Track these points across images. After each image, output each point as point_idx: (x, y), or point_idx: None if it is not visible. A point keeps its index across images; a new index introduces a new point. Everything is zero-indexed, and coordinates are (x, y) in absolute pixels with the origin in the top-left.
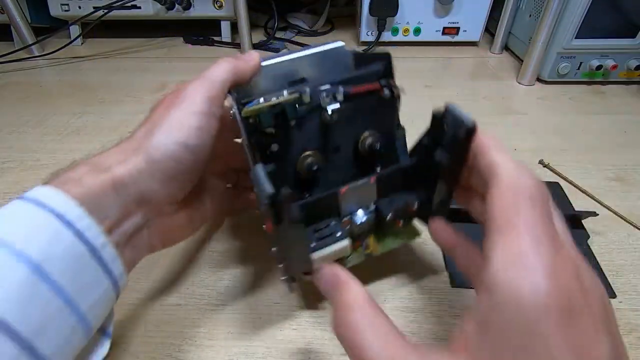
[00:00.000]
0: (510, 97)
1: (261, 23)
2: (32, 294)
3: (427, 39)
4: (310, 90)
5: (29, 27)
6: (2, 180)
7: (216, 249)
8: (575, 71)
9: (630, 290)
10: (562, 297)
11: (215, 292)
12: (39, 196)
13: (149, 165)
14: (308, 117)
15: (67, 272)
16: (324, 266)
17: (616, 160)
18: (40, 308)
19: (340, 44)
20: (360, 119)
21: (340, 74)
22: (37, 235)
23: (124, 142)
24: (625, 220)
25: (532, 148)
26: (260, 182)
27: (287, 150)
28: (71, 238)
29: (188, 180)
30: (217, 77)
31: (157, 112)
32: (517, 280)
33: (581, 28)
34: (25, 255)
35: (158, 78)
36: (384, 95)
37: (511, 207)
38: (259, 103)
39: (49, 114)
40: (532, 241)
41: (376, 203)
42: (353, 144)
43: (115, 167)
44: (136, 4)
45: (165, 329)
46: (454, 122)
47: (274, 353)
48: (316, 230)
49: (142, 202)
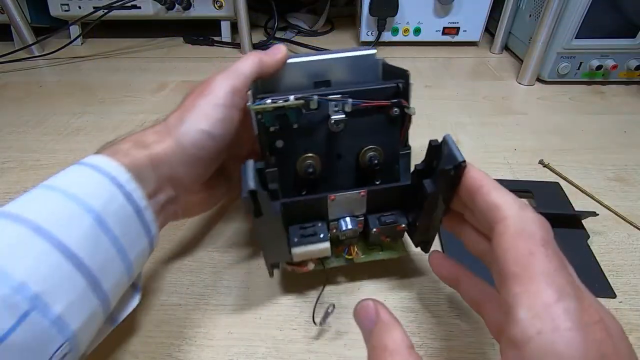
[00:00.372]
0: (510, 97)
1: (261, 23)
2: (97, 240)
3: (427, 39)
4: (319, 98)
5: (29, 27)
6: (2, 180)
7: (216, 248)
8: (575, 71)
9: (630, 290)
10: (595, 348)
11: (215, 292)
12: (95, 162)
13: (179, 149)
14: (314, 122)
15: (119, 226)
16: (365, 301)
17: (616, 160)
18: (102, 252)
19: (373, 51)
20: (365, 132)
21: (365, 83)
22: (97, 193)
23: (159, 125)
24: (625, 220)
25: (532, 148)
26: (245, 177)
27: (289, 149)
28: (122, 198)
29: (211, 164)
30: (243, 70)
31: (188, 100)
32: (549, 335)
33: (581, 28)
34: (90, 207)
35: (158, 78)
36: (393, 114)
37: (526, 255)
38: (265, 103)
39: (49, 114)
40: (555, 292)
41: (365, 215)
42: (355, 154)
43: (153, 146)
44: (136, 4)
45: (165, 329)
46: (447, 156)
47: (274, 353)
48: (302, 228)
49: (172, 179)
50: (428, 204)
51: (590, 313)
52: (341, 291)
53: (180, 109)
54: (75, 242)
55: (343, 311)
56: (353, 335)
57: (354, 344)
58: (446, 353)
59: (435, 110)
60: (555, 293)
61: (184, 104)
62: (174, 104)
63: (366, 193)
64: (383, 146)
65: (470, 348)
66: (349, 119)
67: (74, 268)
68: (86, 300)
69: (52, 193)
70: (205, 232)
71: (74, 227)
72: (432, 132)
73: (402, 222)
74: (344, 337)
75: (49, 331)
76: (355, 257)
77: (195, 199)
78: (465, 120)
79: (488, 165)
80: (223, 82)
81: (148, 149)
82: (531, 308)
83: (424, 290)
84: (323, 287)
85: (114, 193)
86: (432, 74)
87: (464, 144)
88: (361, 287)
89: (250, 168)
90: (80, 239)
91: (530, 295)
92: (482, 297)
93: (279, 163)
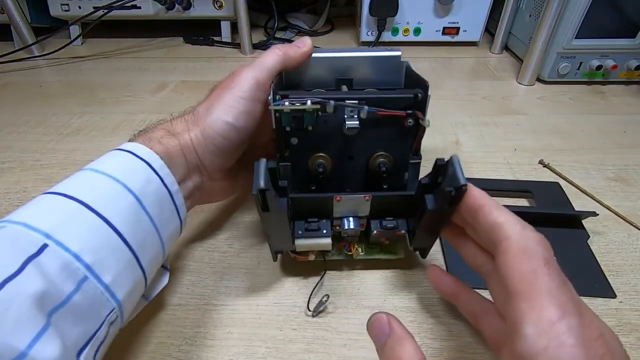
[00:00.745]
0: (510, 97)
1: (261, 23)
2: (137, 218)
3: (427, 39)
4: (335, 103)
5: (29, 27)
6: (2, 180)
7: (216, 249)
8: (575, 71)
9: (630, 290)
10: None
11: (215, 292)
12: (132, 148)
13: (205, 139)
14: (330, 123)
15: (156, 207)
16: (379, 314)
17: (616, 160)
18: (141, 229)
19: (397, 53)
20: (378, 138)
21: (385, 90)
22: (136, 176)
23: (188, 115)
24: (625, 220)
25: (532, 148)
26: (256, 175)
27: (303, 147)
28: (157, 181)
29: (234, 154)
30: (267, 65)
31: (214, 93)
32: (554, 351)
33: (581, 28)
34: (130, 188)
35: (158, 78)
36: (407, 124)
37: (529, 273)
38: (283, 105)
39: (49, 114)
40: (559, 309)
41: (368, 217)
42: (366, 158)
43: (182, 135)
44: (136, 4)
45: (165, 329)
46: (450, 177)
47: (274, 353)
48: (307, 222)
49: (198, 167)
50: (427, 218)
51: (591, 329)
52: (341, 291)
53: (208, 100)
54: (119, 218)
55: (342, 311)
56: (353, 335)
57: (354, 344)
58: (446, 353)
59: (435, 110)
60: (559, 310)
61: (210, 96)
62: (174, 104)
63: (371, 197)
64: (394, 153)
65: (470, 348)
66: (364, 122)
67: (121, 242)
68: (130, 272)
69: (97, 174)
70: (205, 232)
71: (118, 205)
72: (432, 132)
73: (402, 228)
74: (344, 337)
75: (102, 297)
76: (355, 254)
77: (217, 186)
78: (465, 120)
79: (488, 165)
80: (248, 76)
81: (178, 137)
82: (537, 324)
83: (424, 290)
84: (322, 276)
85: (150, 177)
86: (432, 74)
87: (464, 144)
88: (361, 287)
89: (262, 167)
90: (124, 216)
91: (535, 312)
92: (480, 311)
93: (293, 158)
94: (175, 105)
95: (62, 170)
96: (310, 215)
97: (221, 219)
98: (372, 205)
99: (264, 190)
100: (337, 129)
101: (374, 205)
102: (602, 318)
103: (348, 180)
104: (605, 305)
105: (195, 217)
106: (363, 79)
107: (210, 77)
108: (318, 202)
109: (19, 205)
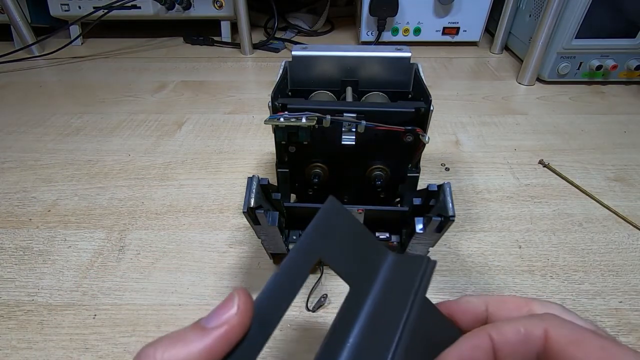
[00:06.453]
0: (510, 97)
1: (261, 23)
2: None
3: (427, 39)
4: (332, 118)
5: (29, 27)
6: (2, 180)
7: (216, 249)
8: (575, 71)
9: (630, 290)
10: None
11: (215, 292)
12: None
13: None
14: (327, 135)
15: None
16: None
17: (616, 160)
18: None
19: (407, 54)
20: (376, 151)
21: (395, 85)
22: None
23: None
24: (625, 220)
25: (532, 148)
26: (247, 193)
27: (301, 155)
28: None
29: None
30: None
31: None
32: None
33: (581, 28)
34: None
35: (158, 78)
36: (406, 140)
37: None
38: (277, 120)
39: (49, 114)
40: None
41: None
42: (363, 169)
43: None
44: (136, 4)
45: (165, 329)
46: (439, 205)
47: (273, 353)
48: (301, 229)
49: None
50: (415, 239)
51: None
52: (340, 291)
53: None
54: None
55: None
56: None
57: None
58: None
59: (435, 110)
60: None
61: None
62: (174, 104)
63: (364, 212)
64: (391, 167)
65: None
66: (362, 135)
67: None
68: None
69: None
70: (205, 232)
71: None
72: (432, 132)
73: (394, 240)
74: None
75: None
76: None
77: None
78: (465, 120)
79: (488, 165)
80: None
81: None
82: None
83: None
84: (320, 276)
85: None
86: (432, 74)
87: (463, 143)
88: None
89: (254, 184)
90: None
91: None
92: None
93: (291, 165)
94: (175, 105)
95: (62, 170)
96: (305, 221)
97: (221, 220)
98: (366, 218)
99: (254, 209)
100: (334, 140)
101: (367, 218)
102: (602, 318)
103: (345, 188)
104: (605, 305)
105: (196, 218)
106: (370, 80)
107: (210, 77)
108: (312, 211)
109: (19, 205)
